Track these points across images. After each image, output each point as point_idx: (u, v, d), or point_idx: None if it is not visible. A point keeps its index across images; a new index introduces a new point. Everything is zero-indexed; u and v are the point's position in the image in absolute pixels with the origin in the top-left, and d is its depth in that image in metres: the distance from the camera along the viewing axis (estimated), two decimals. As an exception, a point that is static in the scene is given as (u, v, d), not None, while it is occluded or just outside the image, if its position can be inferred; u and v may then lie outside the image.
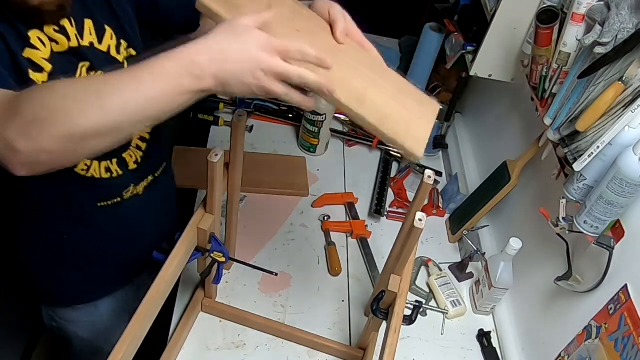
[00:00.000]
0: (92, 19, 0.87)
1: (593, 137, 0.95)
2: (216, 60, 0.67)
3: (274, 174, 1.52)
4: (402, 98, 0.82)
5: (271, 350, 1.15)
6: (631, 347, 0.86)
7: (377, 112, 0.76)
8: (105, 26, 0.90)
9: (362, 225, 1.44)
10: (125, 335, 0.82)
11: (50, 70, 0.80)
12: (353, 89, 0.75)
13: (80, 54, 0.86)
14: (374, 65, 0.84)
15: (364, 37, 0.86)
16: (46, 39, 0.80)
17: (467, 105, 1.83)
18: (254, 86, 0.69)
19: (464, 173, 1.62)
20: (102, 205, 1.00)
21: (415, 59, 1.84)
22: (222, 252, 1.00)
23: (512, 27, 1.30)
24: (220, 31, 0.69)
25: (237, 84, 0.69)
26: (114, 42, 0.92)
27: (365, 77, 0.79)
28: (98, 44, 0.89)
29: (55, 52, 0.81)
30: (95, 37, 0.88)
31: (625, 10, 0.88)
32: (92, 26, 0.87)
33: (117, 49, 0.92)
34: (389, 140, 0.76)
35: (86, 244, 1.07)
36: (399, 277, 0.96)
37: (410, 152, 0.76)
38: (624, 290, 0.91)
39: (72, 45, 0.83)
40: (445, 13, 1.67)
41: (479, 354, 1.24)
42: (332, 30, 0.83)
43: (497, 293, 1.25)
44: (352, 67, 0.79)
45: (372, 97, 0.77)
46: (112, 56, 0.92)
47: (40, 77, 0.79)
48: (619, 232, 0.95)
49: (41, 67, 0.79)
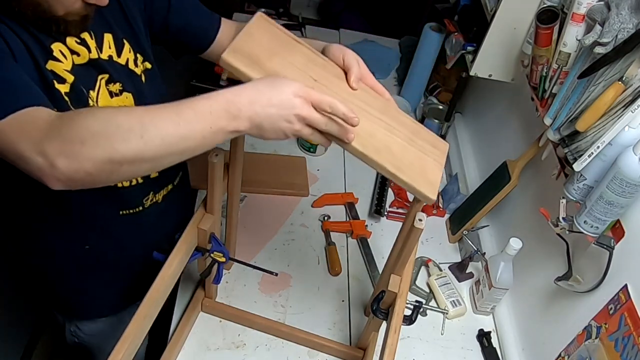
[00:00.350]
0: (111, 33, 0.91)
1: (593, 137, 0.95)
2: (254, 104, 0.71)
3: (274, 174, 1.52)
4: (416, 140, 0.86)
5: (271, 350, 1.15)
6: (631, 347, 0.86)
7: (394, 158, 0.80)
8: (123, 40, 0.93)
9: (362, 225, 1.44)
10: (125, 335, 0.82)
11: (72, 81, 0.83)
12: (371, 138, 0.80)
13: (99, 66, 0.89)
14: (388, 109, 0.88)
15: (377, 81, 0.90)
16: (67, 51, 0.83)
17: (467, 105, 1.83)
18: (287, 129, 0.74)
19: (464, 173, 1.62)
20: (124, 214, 1.02)
21: (415, 59, 1.84)
22: (222, 252, 1.00)
23: (512, 27, 1.30)
24: (259, 80, 0.74)
25: (271, 127, 0.73)
26: (132, 56, 0.95)
27: (380, 123, 0.84)
28: (117, 57, 0.92)
29: (76, 64, 0.85)
30: (114, 51, 0.92)
31: (625, 10, 0.88)
32: (111, 40, 0.91)
33: (135, 62, 0.96)
34: (406, 185, 0.81)
35: (108, 254, 1.09)
36: (399, 277, 0.96)
37: (425, 197, 0.82)
38: (624, 290, 0.91)
39: (92, 57, 0.87)
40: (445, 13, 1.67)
41: (479, 354, 1.24)
42: (347, 76, 0.87)
43: (497, 293, 1.25)
44: (368, 114, 0.83)
45: (388, 144, 0.82)
46: (130, 69, 0.95)
47: (63, 88, 0.82)
48: (619, 232, 0.95)
49: (64, 78, 0.82)
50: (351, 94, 0.85)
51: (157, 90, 1.02)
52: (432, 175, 0.84)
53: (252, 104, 0.71)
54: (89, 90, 0.88)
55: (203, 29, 1.06)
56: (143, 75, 0.98)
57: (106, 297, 1.19)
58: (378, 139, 0.81)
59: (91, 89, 0.88)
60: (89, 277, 1.12)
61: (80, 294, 1.16)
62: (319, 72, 0.83)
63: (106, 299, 1.19)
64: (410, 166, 0.82)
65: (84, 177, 0.66)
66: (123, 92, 0.94)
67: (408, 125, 0.88)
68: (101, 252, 1.08)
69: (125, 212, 1.02)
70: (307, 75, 0.81)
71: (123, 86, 0.93)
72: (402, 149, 0.83)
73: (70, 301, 1.18)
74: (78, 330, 1.23)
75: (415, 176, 0.81)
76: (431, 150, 0.87)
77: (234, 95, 0.71)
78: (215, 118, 0.70)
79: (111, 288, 1.18)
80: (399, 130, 0.85)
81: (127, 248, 1.10)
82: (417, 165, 0.83)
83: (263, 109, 0.72)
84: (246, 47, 0.77)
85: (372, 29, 2.39)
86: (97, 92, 0.89)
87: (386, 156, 0.80)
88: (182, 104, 0.70)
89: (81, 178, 0.66)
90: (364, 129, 0.79)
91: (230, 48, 0.76)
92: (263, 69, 0.77)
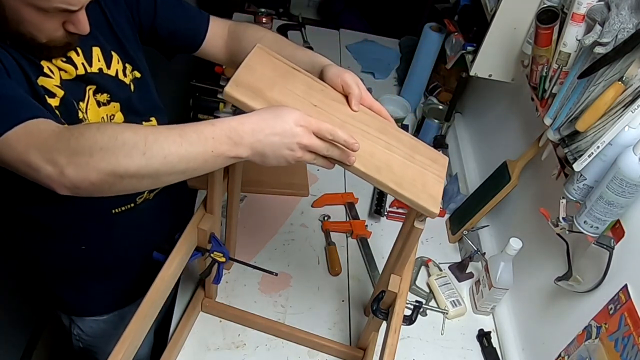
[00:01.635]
0: (99, 47, 0.93)
1: (593, 137, 0.95)
2: (257, 133, 0.75)
3: (274, 174, 1.52)
4: (415, 157, 0.88)
5: (271, 350, 1.15)
6: (631, 347, 0.86)
7: (395, 176, 0.83)
8: (111, 52, 0.96)
9: (362, 225, 1.44)
10: (125, 335, 0.82)
11: (62, 95, 0.86)
12: (371, 157, 0.83)
13: (87, 79, 0.92)
14: (387, 128, 0.90)
15: (375, 101, 0.93)
16: (55, 69, 0.86)
17: (467, 105, 1.83)
18: (288, 156, 0.77)
19: (464, 173, 1.62)
20: (116, 212, 1.04)
21: (415, 59, 1.84)
22: (222, 252, 1.00)
23: (512, 27, 1.30)
24: (262, 109, 0.78)
25: (273, 154, 0.76)
26: (121, 66, 0.97)
27: (380, 142, 0.86)
28: (107, 69, 0.95)
29: (64, 79, 0.88)
30: (103, 63, 0.94)
31: (625, 10, 0.88)
32: (100, 53, 0.93)
33: (124, 72, 0.98)
34: (408, 201, 0.82)
35: (104, 253, 1.10)
36: (399, 277, 0.96)
37: (427, 211, 0.83)
38: (624, 290, 0.91)
39: (79, 73, 0.90)
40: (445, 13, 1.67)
41: (479, 354, 1.24)
42: (347, 99, 0.89)
43: (497, 293, 1.25)
44: (368, 134, 0.86)
45: (389, 162, 0.84)
46: (119, 79, 0.97)
47: (54, 102, 0.85)
48: (619, 232, 0.95)
49: (54, 93, 0.85)
50: (350, 116, 0.87)
51: (147, 99, 1.04)
52: (433, 189, 0.85)
53: (254, 133, 0.74)
54: (78, 101, 0.90)
55: (192, 31, 1.07)
56: (132, 85, 1.00)
57: (106, 295, 1.19)
58: (378, 158, 0.84)
59: (80, 100, 0.91)
60: (87, 276, 1.13)
61: (80, 293, 1.17)
62: (318, 98, 0.86)
63: (106, 298, 1.20)
64: (412, 182, 0.84)
65: (88, 186, 0.70)
66: (111, 102, 0.97)
67: (407, 143, 0.90)
68: (98, 252, 1.08)
69: (117, 210, 1.04)
70: (307, 102, 0.84)
71: (111, 96, 0.96)
72: (403, 165, 0.86)
73: (71, 299, 1.19)
74: (81, 332, 1.24)
75: (416, 192, 0.83)
76: (431, 165, 0.89)
77: (238, 123, 0.75)
78: (217, 143, 0.73)
79: (110, 287, 1.18)
80: (399, 148, 0.88)
81: (123, 247, 1.11)
82: (418, 181, 0.85)
83: (266, 137, 0.75)
84: (247, 79, 0.81)
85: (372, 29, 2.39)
86: (86, 103, 0.92)
87: (387, 174, 0.82)
88: (187, 127, 0.74)
89: (86, 187, 0.71)
90: (364, 149, 0.82)
91: (232, 81, 0.79)
92: (265, 99, 0.80)
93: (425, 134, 1.70)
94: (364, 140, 0.83)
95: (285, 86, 0.84)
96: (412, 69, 1.86)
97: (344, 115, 0.87)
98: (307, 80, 0.88)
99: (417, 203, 0.82)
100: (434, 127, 1.69)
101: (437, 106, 1.79)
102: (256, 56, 0.85)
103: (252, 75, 0.82)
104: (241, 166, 1.02)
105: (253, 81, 0.81)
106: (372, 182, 0.82)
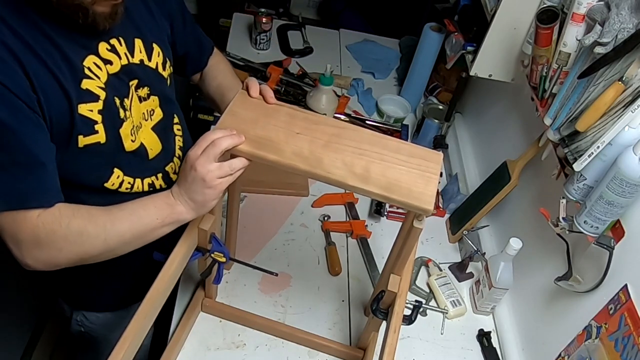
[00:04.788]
0: (142, 38, 0.94)
1: (593, 137, 0.95)
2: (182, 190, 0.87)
3: (274, 174, 1.51)
4: (403, 159, 0.89)
5: (271, 350, 1.15)
6: (631, 347, 0.86)
7: (382, 182, 0.85)
8: (153, 44, 0.97)
9: (362, 225, 1.44)
10: (125, 335, 0.82)
11: (104, 97, 0.88)
12: (357, 170, 0.86)
13: (130, 72, 0.93)
14: (372, 137, 0.92)
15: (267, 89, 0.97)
16: (100, 62, 0.87)
17: (467, 105, 1.83)
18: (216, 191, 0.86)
19: (464, 173, 1.62)
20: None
21: (415, 59, 1.84)
22: (222, 252, 1.00)
23: (512, 27, 1.30)
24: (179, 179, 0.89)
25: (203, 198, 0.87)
26: (161, 60, 0.99)
27: (367, 153, 0.89)
28: (148, 61, 0.96)
29: (111, 73, 0.89)
30: (145, 55, 0.95)
31: (625, 10, 0.88)
32: (142, 45, 0.95)
33: (163, 65, 1.00)
34: (400, 203, 0.84)
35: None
36: (399, 277, 0.96)
37: (420, 209, 0.84)
38: (624, 290, 0.91)
39: (123, 63, 0.91)
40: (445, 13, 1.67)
41: (479, 354, 1.24)
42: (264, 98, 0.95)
43: (497, 293, 1.25)
44: (353, 148, 0.89)
45: (374, 170, 0.86)
46: (159, 72, 0.99)
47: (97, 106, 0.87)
48: (619, 232, 0.95)
49: (97, 95, 0.87)
50: (332, 135, 0.90)
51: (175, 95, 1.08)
52: (424, 187, 0.86)
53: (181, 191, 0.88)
54: (123, 98, 0.91)
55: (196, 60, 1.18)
56: (169, 79, 1.03)
57: (113, 292, 1.21)
58: (365, 170, 0.86)
59: (125, 97, 0.92)
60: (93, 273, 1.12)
61: (87, 288, 1.18)
62: (300, 125, 0.91)
63: (113, 295, 1.21)
64: (399, 184, 0.85)
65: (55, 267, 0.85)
66: (150, 96, 0.98)
67: (393, 147, 0.91)
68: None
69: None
70: (291, 131, 0.90)
71: (150, 90, 0.98)
72: (391, 170, 0.87)
73: (78, 293, 1.20)
74: (85, 319, 1.25)
75: (406, 192, 0.84)
76: (422, 163, 0.89)
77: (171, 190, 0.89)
78: (159, 210, 0.87)
79: (116, 285, 1.19)
80: (385, 154, 0.89)
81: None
82: (407, 182, 0.86)
83: (187, 191, 0.87)
84: (231, 124, 0.88)
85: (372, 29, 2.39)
86: (130, 100, 0.93)
87: (375, 182, 0.85)
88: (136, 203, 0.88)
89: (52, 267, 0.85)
90: (350, 163, 0.86)
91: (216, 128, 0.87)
92: (249, 138, 0.87)
93: (425, 134, 1.70)
94: (346, 154, 0.87)
95: (268, 122, 0.90)
96: (412, 69, 1.86)
97: (327, 135, 0.90)
98: (289, 112, 0.93)
99: (409, 203, 0.84)
100: (434, 127, 1.69)
101: (437, 106, 1.79)
102: (238, 102, 0.93)
103: (235, 119, 0.90)
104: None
105: (236, 124, 0.88)
106: (361, 193, 0.85)
